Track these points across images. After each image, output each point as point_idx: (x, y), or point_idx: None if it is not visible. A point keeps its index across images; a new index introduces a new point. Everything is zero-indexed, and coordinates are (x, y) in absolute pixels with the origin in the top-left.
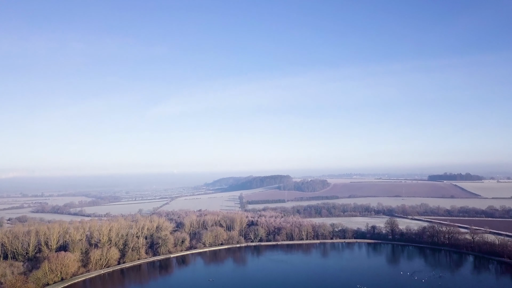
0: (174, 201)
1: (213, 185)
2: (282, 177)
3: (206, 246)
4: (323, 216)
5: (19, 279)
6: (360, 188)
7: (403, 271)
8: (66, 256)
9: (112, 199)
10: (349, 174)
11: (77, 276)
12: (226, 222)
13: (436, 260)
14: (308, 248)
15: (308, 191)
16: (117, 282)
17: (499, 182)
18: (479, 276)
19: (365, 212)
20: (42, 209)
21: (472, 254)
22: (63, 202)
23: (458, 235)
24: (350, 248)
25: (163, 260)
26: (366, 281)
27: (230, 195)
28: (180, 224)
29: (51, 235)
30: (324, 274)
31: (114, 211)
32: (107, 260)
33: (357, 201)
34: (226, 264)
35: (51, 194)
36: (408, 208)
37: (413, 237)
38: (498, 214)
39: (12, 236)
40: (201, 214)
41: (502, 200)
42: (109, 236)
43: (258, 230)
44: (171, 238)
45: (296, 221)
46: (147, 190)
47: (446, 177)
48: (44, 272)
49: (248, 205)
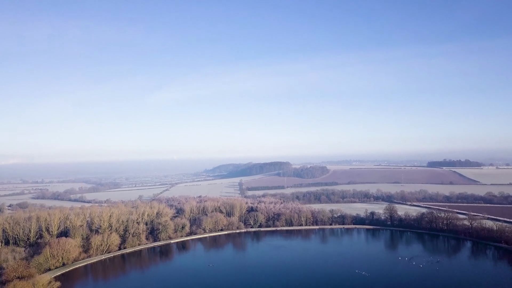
0: (174, 187)
1: (213, 172)
2: (282, 164)
3: (206, 232)
4: (323, 202)
5: (21, 264)
6: (360, 175)
7: (401, 257)
8: (67, 242)
9: (112, 185)
10: (349, 161)
11: (78, 262)
12: (226, 208)
13: (434, 245)
14: (307, 234)
15: (307, 178)
16: (118, 267)
17: (498, 169)
18: (477, 262)
19: (364, 198)
20: (43, 196)
21: (470, 239)
22: (64, 189)
23: (456, 221)
24: (349, 234)
25: (163, 246)
26: (364, 266)
27: (230, 182)
28: (180, 210)
29: (52, 221)
30: (323, 260)
31: (114, 197)
32: (108, 245)
33: (356, 188)
34: (226, 250)
35: (51, 181)
36: (407, 194)
37: (412, 223)
38: (496, 200)
39: (13, 222)
40: (201, 200)
41: (501, 187)
42: (109, 222)
43: (258, 216)
44: (171, 224)
45: (296, 207)
46: (147, 176)
47: (445, 164)
48: (46, 258)
49: (248, 191)
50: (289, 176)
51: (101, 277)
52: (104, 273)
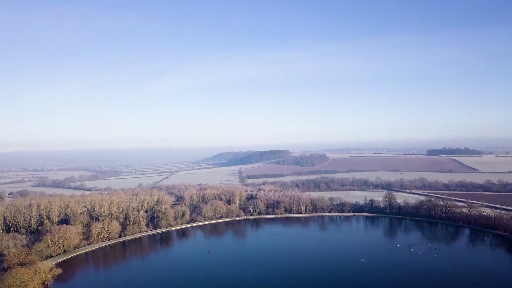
0: (174, 175)
1: (212, 160)
2: (282, 152)
3: (206, 219)
4: (322, 190)
5: (22, 251)
6: (359, 163)
7: (400, 244)
8: (68, 229)
9: (112, 173)
10: (348, 149)
11: (79, 249)
12: (225, 196)
13: (432, 233)
14: (307, 221)
15: (307, 166)
16: (119, 254)
17: (498, 157)
18: (474, 249)
19: (364, 186)
20: (43, 183)
21: (468, 227)
22: (63, 176)
23: (455, 208)
24: (348, 222)
25: (163, 233)
26: (363, 253)
27: (230, 170)
28: (180, 198)
29: (53, 208)
30: (322, 247)
31: (114, 185)
32: (108, 233)
33: (355, 175)
34: (226, 237)
35: (51, 169)
36: (407, 182)
37: (411, 211)
38: (495, 188)
39: (14, 209)
40: (201, 188)
41: (500, 175)
42: (109, 209)
43: (257, 204)
44: (171, 212)
45: (295, 195)
46: (147, 164)
47: (445, 152)
48: (47, 245)
49: (248, 179)
50: (289, 164)
51: (102, 264)
52: (105, 260)
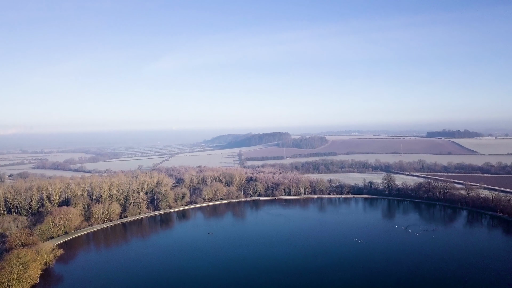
0: (173, 157)
1: (212, 142)
2: (281, 134)
3: (206, 201)
4: (321, 172)
5: (24, 232)
6: (359, 145)
7: (398, 225)
8: (69, 211)
9: (112, 155)
10: (348, 131)
11: (80, 230)
12: (225, 178)
13: (430, 214)
14: (306, 203)
15: (306, 148)
16: (120, 235)
17: (497, 139)
18: (472, 230)
19: (363, 168)
20: (43, 165)
21: (466, 208)
22: (63, 159)
23: (453, 190)
24: (346, 203)
25: (164, 215)
26: (361, 234)
27: (229, 152)
28: (180, 180)
29: (53, 190)
30: (320, 228)
31: (114, 167)
32: (109, 214)
33: (355, 158)
34: (226, 218)
35: (51, 151)
36: (406, 165)
37: (409, 193)
38: (494, 170)
39: (15, 191)
40: (201, 170)
41: (499, 157)
42: (110, 191)
43: (257, 186)
44: (171, 193)
45: (294, 177)
46: (147, 146)
47: (444, 134)
48: (48, 226)
49: (247, 161)
50: (288, 146)
51: (103, 245)
52: (106, 241)
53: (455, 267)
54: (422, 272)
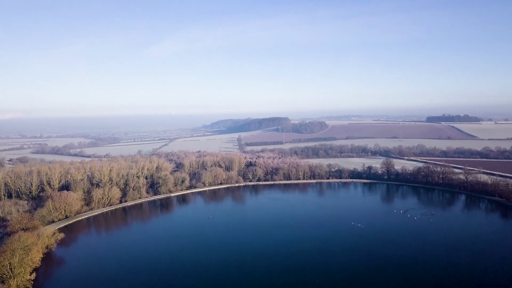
0: (173, 142)
1: (211, 127)
2: (281, 119)
3: (205, 186)
4: (320, 157)
5: (25, 216)
6: (358, 130)
7: (397, 209)
8: (69, 195)
9: (111, 140)
10: (348, 116)
11: (80, 214)
12: (225, 163)
13: (429, 199)
14: (305, 188)
15: (306, 133)
16: (120, 219)
17: (497, 124)
18: (470, 214)
19: (362, 153)
20: (42, 150)
21: (464, 193)
22: (63, 143)
23: (452, 175)
24: (346, 188)
25: (163, 199)
26: (360, 218)
27: (229, 137)
28: (179, 165)
29: (53, 175)
30: (319, 212)
31: (114, 152)
32: (109, 199)
33: (354, 142)
34: (225, 202)
35: (50, 136)
36: (405, 149)
37: (408, 177)
38: (493, 155)
39: (15, 176)
40: (200, 155)
41: (498, 141)
42: (110, 176)
43: (256, 171)
44: (171, 178)
45: (294, 161)
46: (146, 131)
47: (444, 119)
48: (49, 210)
49: (247, 146)
50: (288, 131)
51: (103, 229)
52: (106, 225)
53: (452, 251)
54: (419, 256)
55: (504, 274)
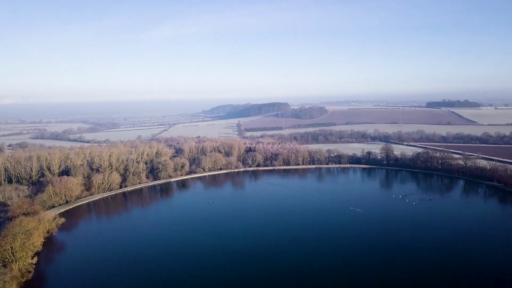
0: (172, 127)
1: (210, 113)
2: (280, 105)
3: (205, 171)
4: (320, 143)
5: (26, 201)
6: (358, 115)
7: (395, 195)
8: (69, 180)
9: (111, 125)
10: (347, 101)
11: (81, 199)
12: (224, 149)
13: (428, 184)
14: (304, 173)
15: (306, 118)
16: (120, 204)
17: (497, 109)
18: (468, 199)
19: (362, 139)
20: (41, 136)
21: (463, 178)
22: (62, 129)
23: (451, 160)
24: (345, 173)
25: (163, 184)
26: (358, 203)
27: (228, 123)
28: (179, 150)
29: (53, 160)
30: (318, 197)
31: (113, 137)
32: (109, 184)
33: (354, 128)
34: (225, 188)
35: (49, 121)
36: (404, 135)
37: (407, 163)
38: (492, 141)
39: (15, 161)
40: (200, 141)
41: (498, 127)
42: (109, 161)
43: (256, 156)
44: (170, 163)
45: (293, 147)
46: (145, 117)
47: (444, 104)
48: (49, 195)
49: (246, 132)
50: (288, 117)
51: (104, 214)
52: (106, 209)
53: (450, 236)
54: (418, 241)
55: (499, 257)
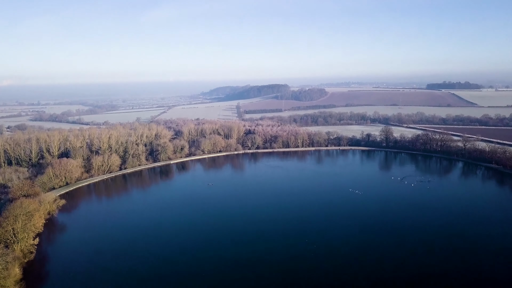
0: (171, 109)
1: (210, 94)
2: (280, 86)
3: (205, 153)
4: (319, 125)
5: (26, 183)
6: (358, 97)
7: (394, 176)
8: (69, 162)
9: (109, 107)
10: (347, 83)
11: (81, 181)
12: (224, 131)
13: (426, 166)
14: (303, 155)
15: (305, 100)
16: (120, 186)
17: (498, 91)
18: (466, 181)
19: (361, 121)
20: (40, 118)
21: (462, 160)
22: (61, 111)
23: (450, 142)
24: (344, 155)
25: (163, 166)
26: (357, 185)
27: (227, 105)
28: (178, 132)
29: (52, 142)
30: (317, 179)
31: (112, 119)
32: (109, 166)
33: (353, 110)
34: (225, 170)
35: (48, 103)
36: (404, 117)
37: (407, 145)
38: (492, 123)
39: (14, 143)
40: (199, 123)
41: (498, 109)
42: (109, 143)
43: (255, 138)
44: (170, 146)
45: (293, 129)
46: (144, 98)
47: (444, 86)
48: (49, 177)
49: (246, 114)
50: (287, 99)
51: (104, 195)
52: (106, 191)
53: (448, 217)
54: (416, 222)
55: (495, 238)
